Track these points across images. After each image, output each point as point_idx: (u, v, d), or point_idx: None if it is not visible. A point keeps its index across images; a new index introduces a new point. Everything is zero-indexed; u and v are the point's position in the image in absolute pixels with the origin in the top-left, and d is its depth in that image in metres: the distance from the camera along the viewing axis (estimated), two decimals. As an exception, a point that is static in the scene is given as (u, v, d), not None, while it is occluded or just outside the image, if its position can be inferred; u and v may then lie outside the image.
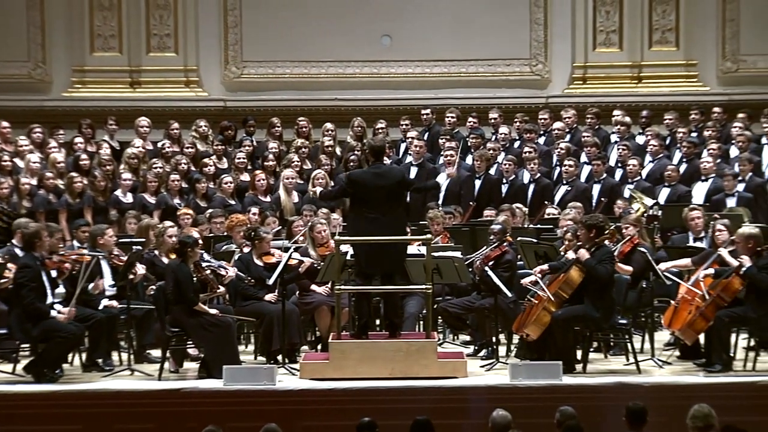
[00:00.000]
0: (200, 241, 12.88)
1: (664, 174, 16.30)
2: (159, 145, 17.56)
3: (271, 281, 12.82)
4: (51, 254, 12.56)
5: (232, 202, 16.07)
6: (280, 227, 14.99)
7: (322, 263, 13.08)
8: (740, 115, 17.91)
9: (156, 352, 13.04)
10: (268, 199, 16.18)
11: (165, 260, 13.25)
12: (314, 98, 20.02)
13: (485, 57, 20.17)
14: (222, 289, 12.77)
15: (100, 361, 12.71)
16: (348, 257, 12.45)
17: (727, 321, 12.20)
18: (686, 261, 13.11)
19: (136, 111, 18.83)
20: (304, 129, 18.10)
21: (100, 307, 12.71)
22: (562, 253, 12.99)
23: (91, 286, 12.69)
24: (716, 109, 18.34)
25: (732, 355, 12.38)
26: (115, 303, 12.92)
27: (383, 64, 20.26)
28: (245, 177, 16.75)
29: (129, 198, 16.09)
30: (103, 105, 19.47)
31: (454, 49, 20.16)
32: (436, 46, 20.16)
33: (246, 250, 13.54)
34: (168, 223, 13.96)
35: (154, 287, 12.85)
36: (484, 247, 13.57)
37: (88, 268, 12.41)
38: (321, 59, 20.20)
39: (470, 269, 13.30)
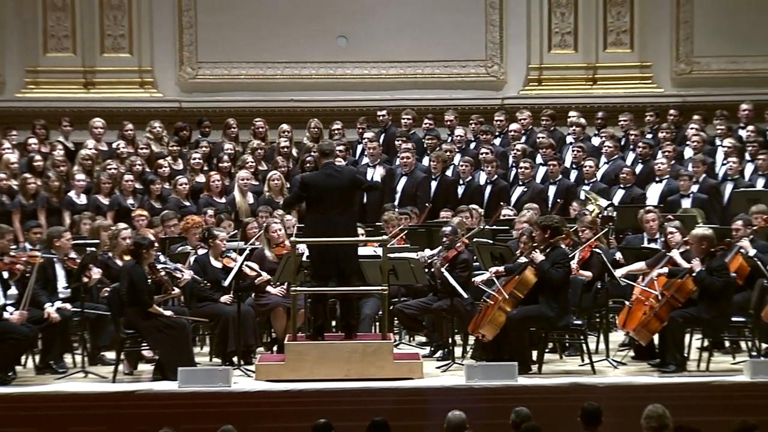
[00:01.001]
0: (155, 243, 12.82)
1: (619, 175, 16.37)
2: (113, 146, 17.46)
3: (226, 283, 12.77)
4: (2, 255, 12.45)
5: (187, 204, 15.99)
6: (235, 230, 14.93)
7: (277, 262, 13.08)
8: (695, 117, 18.02)
9: (110, 354, 12.94)
10: (223, 200, 16.11)
11: (119, 262, 13.16)
12: (270, 99, 19.96)
13: (441, 58, 20.20)
14: (177, 290, 12.71)
15: (53, 363, 12.60)
16: (304, 258, 12.43)
17: (681, 321, 12.27)
18: (641, 264, 13.16)
19: (90, 112, 18.72)
20: (260, 130, 18.05)
21: (53, 308, 12.56)
22: (518, 255, 13.01)
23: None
24: (671, 111, 18.45)
25: (686, 355, 12.45)
26: (68, 306, 12.81)
27: (339, 65, 20.24)
28: (200, 178, 16.68)
29: (83, 199, 15.99)
30: (56, 106, 19.34)
31: (410, 50, 20.16)
32: (392, 48, 20.15)
33: (201, 251, 13.48)
34: (121, 224, 13.87)
35: (108, 289, 12.77)
36: (439, 248, 13.59)
37: (41, 270, 12.35)
38: (277, 60, 20.16)
39: (427, 271, 13.30)
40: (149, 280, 12.30)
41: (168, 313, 12.33)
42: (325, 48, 20.16)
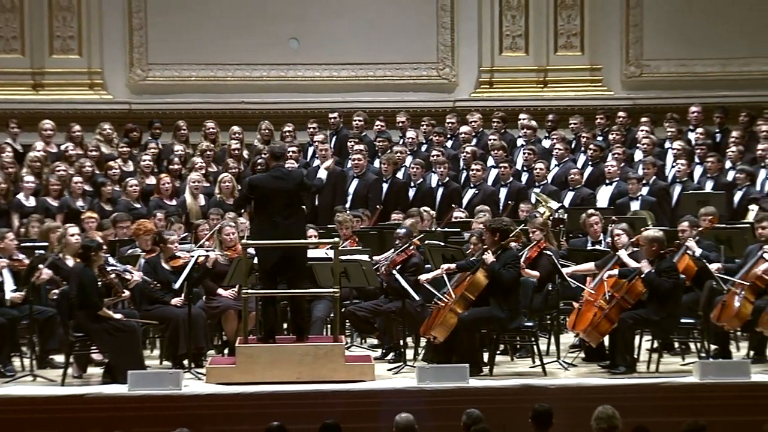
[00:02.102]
0: (104, 246, 12.73)
1: (569, 177, 16.44)
2: (62, 148, 17.33)
3: (177, 285, 12.71)
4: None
5: (138, 206, 15.90)
6: (186, 232, 14.87)
7: (229, 263, 13.05)
8: (644, 119, 18.13)
9: (59, 358, 12.84)
10: (173, 202, 16.04)
11: (70, 263, 13.06)
12: (221, 101, 19.87)
13: (392, 61, 20.18)
14: (127, 293, 12.63)
15: (1, 366, 12.49)
16: (255, 261, 12.41)
17: (631, 323, 12.34)
18: (589, 265, 13.23)
19: (39, 114, 18.61)
20: (211, 132, 17.99)
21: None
22: (469, 256, 13.04)
23: None
24: (621, 114, 18.55)
25: (636, 356, 12.52)
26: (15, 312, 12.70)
27: (290, 67, 20.17)
28: (151, 180, 16.59)
29: (32, 201, 15.87)
30: (5, 107, 19.17)
31: (362, 52, 20.14)
32: (343, 50, 20.12)
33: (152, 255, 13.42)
34: (70, 226, 13.77)
35: (57, 291, 12.67)
36: (391, 251, 13.60)
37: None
38: (228, 62, 20.06)
39: (377, 273, 13.30)
40: (99, 283, 12.22)
41: (118, 316, 12.26)
42: (276, 50, 20.09)
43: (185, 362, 12.59)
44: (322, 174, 16.52)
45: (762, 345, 12.84)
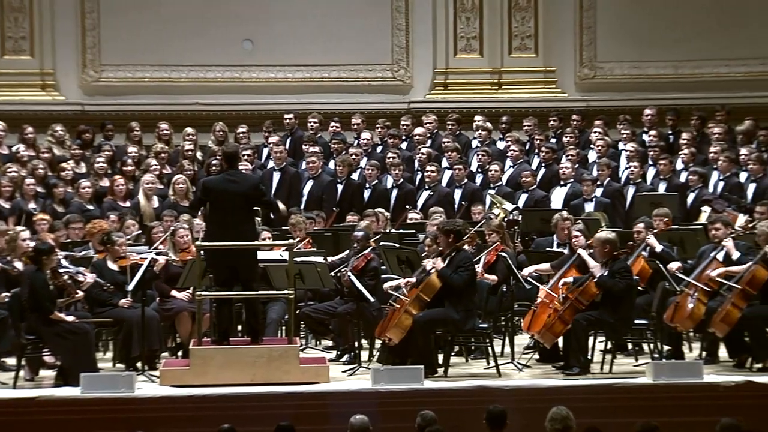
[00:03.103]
0: (57, 248, 12.64)
1: (522, 179, 16.48)
2: (14, 149, 17.19)
3: (130, 287, 12.64)
4: None
5: (91, 207, 15.80)
6: (140, 232, 14.80)
7: (183, 266, 13.00)
8: (597, 122, 18.22)
9: (11, 360, 12.74)
10: (127, 204, 15.95)
11: (20, 266, 12.96)
12: (175, 102, 19.78)
13: (347, 62, 20.18)
14: (80, 293, 12.55)
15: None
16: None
17: (585, 324, 12.39)
18: (546, 266, 13.28)
19: (-10, 115, 18.45)
20: (164, 133, 17.92)
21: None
22: (424, 258, 13.04)
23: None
24: (574, 116, 18.64)
25: (589, 357, 12.56)
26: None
27: (245, 68, 20.13)
28: (104, 182, 16.49)
29: (-17, 204, 15.74)
30: (-44, 109, 19.03)
31: (317, 54, 20.12)
32: (298, 51, 20.09)
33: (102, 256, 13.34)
34: (20, 228, 13.66)
35: (8, 294, 12.57)
36: (348, 252, 13.59)
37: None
38: (181, 63, 19.98)
39: (335, 279, 13.28)
40: (51, 286, 12.13)
41: (70, 318, 12.18)
42: (230, 51, 20.03)
43: (138, 364, 12.52)
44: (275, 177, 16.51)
45: (714, 346, 12.92)
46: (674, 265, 13.01)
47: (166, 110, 19.43)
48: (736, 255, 12.67)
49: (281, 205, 14.16)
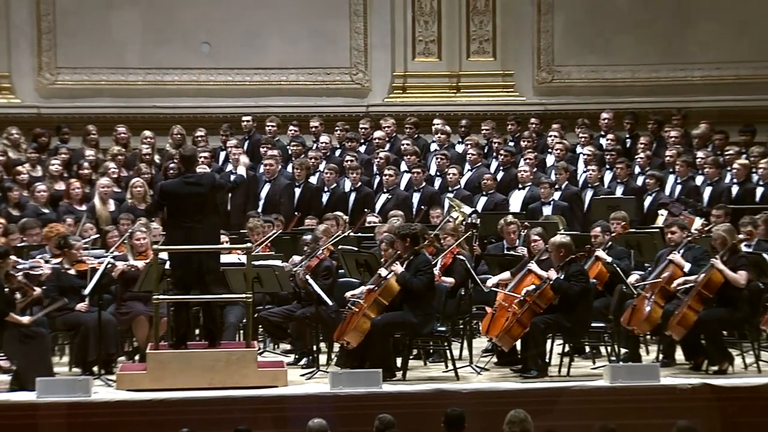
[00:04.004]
0: (10, 252, 12.55)
1: (481, 182, 16.51)
2: (-31, 152, 17.08)
3: (86, 291, 12.56)
4: None
5: (46, 211, 15.69)
6: (97, 236, 14.72)
7: (139, 269, 12.94)
8: (555, 125, 18.28)
9: (-34, 365, 12.65)
10: (83, 207, 15.85)
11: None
12: (132, 105, 19.68)
13: (306, 65, 20.14)
14: (38, 290, 12.45)
15: None
16: (166, 266, 12.30)
17: (543, 327, 12.43)
18: (506, 274, 13.26)
19: (-55, 118, 18.30)
20: (121, 137, 17.83)
21: None
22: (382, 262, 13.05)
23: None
24: (532, 119, 18.69)
25: (547, 360, 12.59)
26: None
27: (203, 71, 20.03)
28: (60, 185, 16.39)
29: (-62, 207, 15.61)
30: None
31: (275, 57, 20.07)
32: (256, 54, 20.04)
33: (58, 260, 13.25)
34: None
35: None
36: (302, 258, 13.57)
37: None
38: (139, 66, 19.87)
39: (292, 278, 13.26)
40: (7, 289, 12.04)
41: (26, 319, 12.08)
42: (188, 54, 19.95)
43: (95, 369, 12.44)
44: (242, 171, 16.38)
45: (671, 349, 12.98)
46: (632, 279, 13.09)
47: (123, 113, 19.30)
48: (687, 267, 12.74)
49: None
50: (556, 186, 16.28)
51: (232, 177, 13.63)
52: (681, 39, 20.16)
